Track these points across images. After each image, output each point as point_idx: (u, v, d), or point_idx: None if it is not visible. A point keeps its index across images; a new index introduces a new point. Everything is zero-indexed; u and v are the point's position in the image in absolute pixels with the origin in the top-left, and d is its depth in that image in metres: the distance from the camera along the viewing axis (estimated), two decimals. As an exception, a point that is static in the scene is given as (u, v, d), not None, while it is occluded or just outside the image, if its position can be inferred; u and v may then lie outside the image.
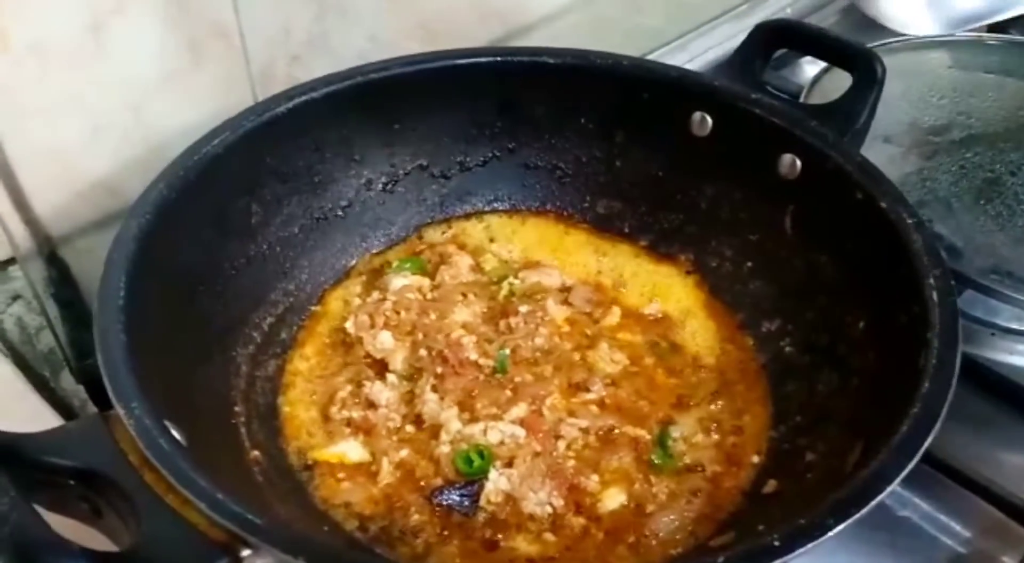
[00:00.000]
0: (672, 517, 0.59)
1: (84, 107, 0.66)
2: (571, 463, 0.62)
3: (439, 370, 0.66)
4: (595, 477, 0.61)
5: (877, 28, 1.07)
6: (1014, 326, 0.78)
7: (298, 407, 0.66)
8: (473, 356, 0.67)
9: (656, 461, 0.62)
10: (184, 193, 0.61)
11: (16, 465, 0.44)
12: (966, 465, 0.67)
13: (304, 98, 0.68)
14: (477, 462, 0.61)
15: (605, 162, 0.78)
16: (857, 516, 0.45)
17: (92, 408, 0.72)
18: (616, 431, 0.64)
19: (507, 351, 0.68)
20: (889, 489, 0.46)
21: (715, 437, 0.64)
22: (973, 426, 0.71)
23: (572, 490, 0.60)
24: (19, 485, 0.42)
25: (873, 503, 0.46)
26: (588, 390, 0.67)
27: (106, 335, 0.51)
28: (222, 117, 0.66)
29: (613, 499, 0.61)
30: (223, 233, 0.66)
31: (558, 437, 0.63)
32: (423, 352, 0.67)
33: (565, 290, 0.74)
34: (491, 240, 0.78)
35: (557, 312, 0.72)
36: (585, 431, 0.64)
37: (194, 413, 0.55)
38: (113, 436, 0.47)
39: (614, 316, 0.72)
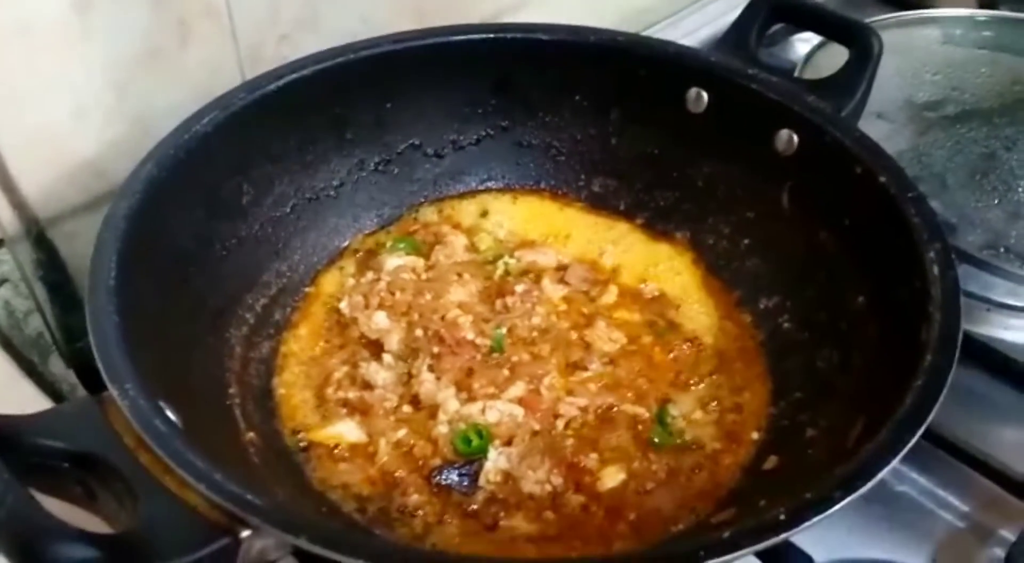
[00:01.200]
0: (673, 494, 0.59)
1: (70, 87, 0.64)
2: (570, 442, 0.62)
3: (435, 350, 0.65)
4: (594, 455, 0.61)
5: (867, 4, 1.06)
6: (1009, 301, 0.78)
7: (293, 388, 0.65)
8: (470, 336, 0.66)
9: (655, 439, 0.62)
10: (174, 172, 0.60)
11: (8, 448, 0.43)
12: (963, 440, 0.67)
13: (295, 76, 0.67)
14: (475, 441, 0.60)
15: (600, 140, 0.77)
16: (863, 489, 0.45)
17: (82, 393, 0.71)
18: (615, 409, 0.64)
19: (503, 330, 0.67)
20: (895, 461, 0.46)
21: (714, 414, 0.64)
22: (969, 401, 0.71)
23: (571, 469, 0.60)
24: (12, 468, 0.41)
25: (879, 476, 0.45)
26: (586, 369, 0.66)
27: (98, 315, 0.50)
28: (209, 97, 0.65)
29: (612, 477, 0.60)
30: (214, 213, 0.65)
31: (557, 416, 0.63)
32: (419, 332, 0.67)
33: (561, 269, 0.74)
34: (485, 219, 0.78)
35: (553, 291, 0.71)
36: (584, 410, 0.63)
37: (188, 395, 0.54)
38: (107, 418, 0.46)
39: (611, 295, 0.72)
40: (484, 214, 0.78)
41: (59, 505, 0.46)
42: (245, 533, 0.42)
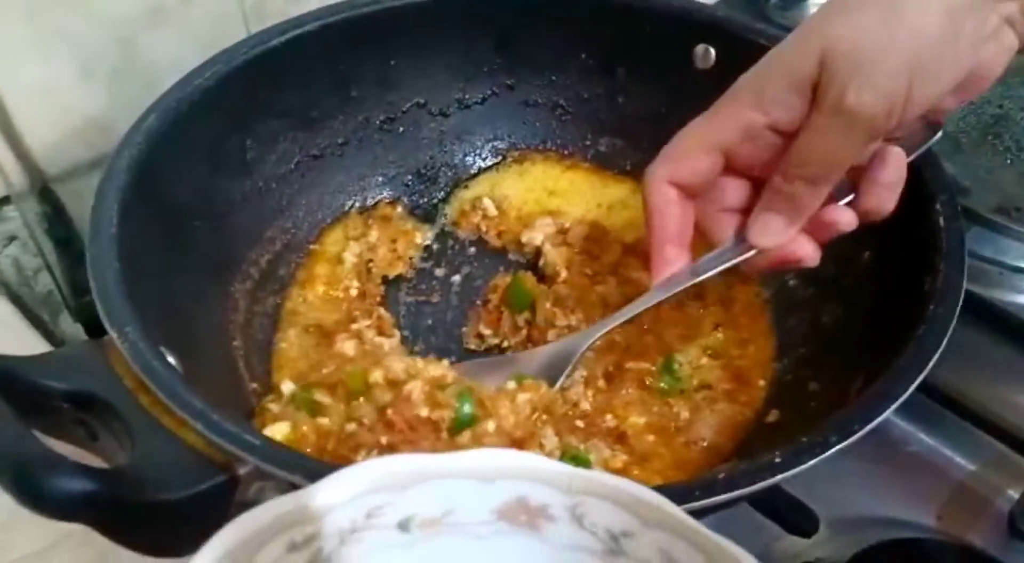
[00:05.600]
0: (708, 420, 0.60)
1: (74, 42, 0.65)
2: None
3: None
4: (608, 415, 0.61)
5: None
6: (1021, 264, 0.77)
7: (295, 347, 0.65)
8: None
9: (663, 387, 0.62)
10: (176, 125, 0.60)
11: (8, 386, 0.43)
12: (973, 400, 0.67)
13: (298, 31, 0.67)
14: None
15: (607, 99, 0.76)
16: (860, 434, 0.45)
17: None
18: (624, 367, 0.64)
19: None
20: (893, 407, 0.46)
21: (720, 361, 0.64)
22: (980, 363, 0.70)
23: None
24: (12, 406, 0.42)
25: (876, 421, 0.45)
26: None
27: (99, 261, 0.50)
28: (214, 53, 0.65)
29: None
30: (217, 168, 0.64)
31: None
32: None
33: (562, 232, 0.73)
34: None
35: (556, 255, 0.71)
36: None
37: (192, 344, 0.54)
38: (108, 361, 0.47)
39: (614, 253, 0.71)
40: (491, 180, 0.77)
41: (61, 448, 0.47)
42: (243, 470, 0.43)
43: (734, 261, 0.56)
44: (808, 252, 0.54)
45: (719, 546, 0.30)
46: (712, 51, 0.70)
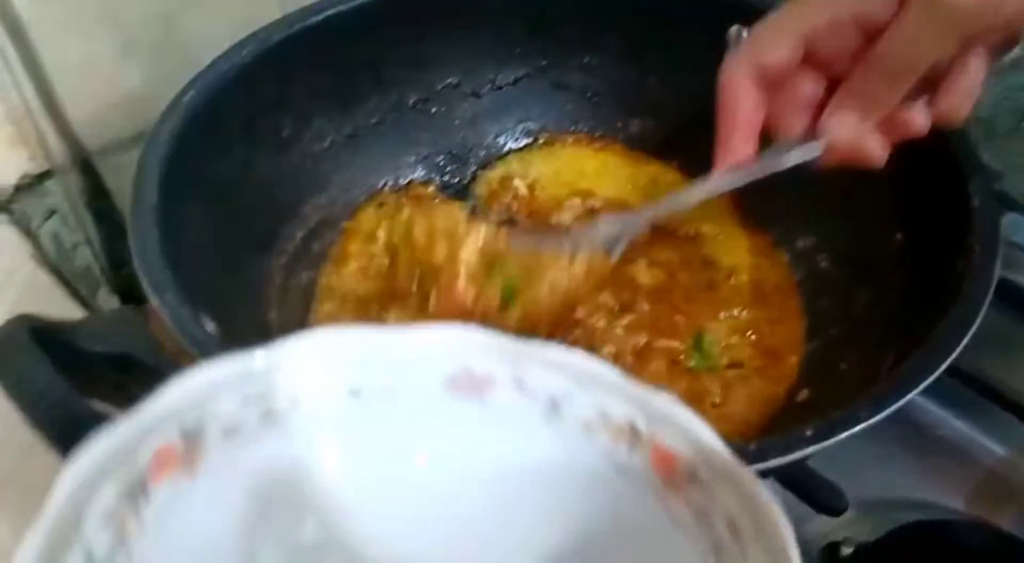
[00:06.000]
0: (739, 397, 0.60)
1: (115, 19, 0.66)
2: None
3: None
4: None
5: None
6: (1056, 252, 0.76)
7: (331, 320, 0.66)
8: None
9: (693, 365, 0.62)
10: (215, 101, 0.61)
11: (52, 349, 0.44)
12: (1004, 386, 0.67)
13: (334, 11, 0.67)
14: None
15: (639, 80, 0.76)
16: (891, 409, 0.45)
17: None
18: (651, 345, 0.64)
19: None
20: (925, 383, 0.46)
21: (751, 339, 0.64)
22: (1011, 348, 0.70)
23: None
24: (56, 366, 0.43)
25: (909, 396, 0.45)
26: (632, 310, 0.65)
27: (140, 230, 0.51)
28: (250, 31, 0.66)
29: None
30: (254, 144, 0.65)
31: None
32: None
33: (591, 212, 0.73)
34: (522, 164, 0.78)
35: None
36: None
37: (229, 314, 0.55)
38: (147, 326, 0.48)
39: (644, 234, 0.71)
40: (522, 159, 0.78)
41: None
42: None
43: (801, 155, 0.56)
44: (876, 151, 0.54)
45: (649, 399, 0.33)
46: (745, 32, 0.70)
